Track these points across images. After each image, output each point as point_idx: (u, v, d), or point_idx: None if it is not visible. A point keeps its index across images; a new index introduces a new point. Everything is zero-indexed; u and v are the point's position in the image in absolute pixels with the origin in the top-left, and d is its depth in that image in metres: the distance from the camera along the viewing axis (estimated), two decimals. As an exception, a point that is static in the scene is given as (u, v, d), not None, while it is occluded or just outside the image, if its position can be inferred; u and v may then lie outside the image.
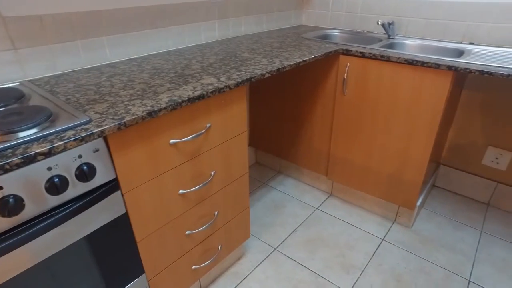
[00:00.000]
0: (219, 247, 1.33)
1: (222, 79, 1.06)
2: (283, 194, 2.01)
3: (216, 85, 1.01)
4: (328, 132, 1.78)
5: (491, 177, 1.88)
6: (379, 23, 1.72)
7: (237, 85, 1.05)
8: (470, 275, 1.49)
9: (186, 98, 0.91)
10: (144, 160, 0.89)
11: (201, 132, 1.02)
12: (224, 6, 1.68)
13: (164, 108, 0.86)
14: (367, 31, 1.99)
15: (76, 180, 0.75)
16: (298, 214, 1.85)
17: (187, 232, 1.14)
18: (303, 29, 2.05)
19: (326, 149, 1.83)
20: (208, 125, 1.04)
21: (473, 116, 1.81)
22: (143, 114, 0.81)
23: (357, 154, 1.71)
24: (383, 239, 1.67)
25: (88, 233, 0.82)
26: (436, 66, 1.31)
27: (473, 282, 1.46)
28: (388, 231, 1.73)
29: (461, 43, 1.71)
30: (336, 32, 1.99)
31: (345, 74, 1.56)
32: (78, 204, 0.78)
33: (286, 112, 1.91)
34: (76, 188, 0.76)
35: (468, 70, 1.25)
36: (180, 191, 1.04)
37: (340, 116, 1.68)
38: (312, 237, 1.69)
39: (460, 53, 1.57)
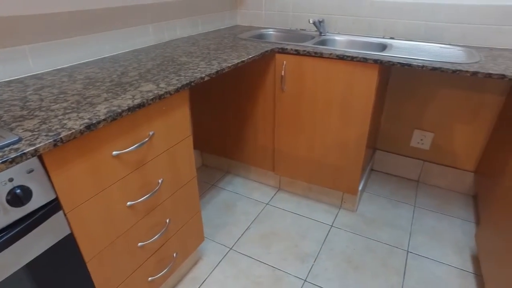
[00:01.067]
0: (174, 254, 1.31)
1: (161, 85, 1.05)
2: (233, 194, 2.03)
3: (155, 92, 0.99)
4: (271, 129, 1.83)
5: (418, 156, 2.08)
6: (311, 21, 1.81)
7: (177, 90, 1.04)
8: (408, 246, 1.65)
9: (126, 108, 0.88)
10: (86, 175, 0.85)
11: (144, 140, 0.99)
12: (157, 10, 1.64)
13: (104, 119, 0.82)
14: (300, 29, 2.08)
15: (8, 206, 0.69)
16: (249, 211, 1.88)
17: (139, 244, 1.10)
18: (238, 30, 2.07)
19: (270, 146, 1.89)
20: (151, 133, 1.02)
21: (400, 103, 1.99)
22: (81, 128, 0.77)
23: (300, 148, 1.79)
24: (331, 225, 1.77)
25: (29, 260, 0.76)
26: (364, 60, 1.42)
27: (411, 252, 1.61)
28: (336, 217, 1.83)
29: (383, 37, 1.87)
30: (271, 31, 2.05)
31: (283, 71, 1.62)
32: (14, 232, 0.72)
33: (228, 112, 1.93)
34: (9, 215, 0.70)
35: (391, 63, 1.37)
36: (128, 203, 1.01)
37: (281, 112, 1.74)
38: (266, 232, 1.73)
39: (383, 47, 1.71)
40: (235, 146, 2.03)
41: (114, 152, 0.91)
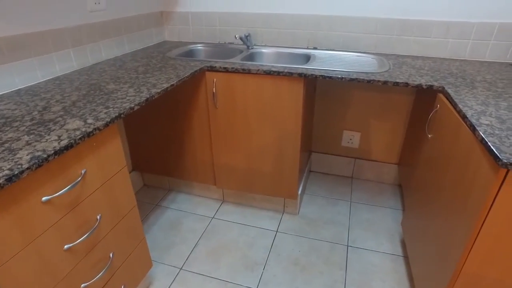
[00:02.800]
0: (122, 287, 1.27)
1: (89, 121, 1.02)
2: (178, 212, 2.01)
3: (83, 129, 0.96)
4: (208, 144, 1.86)
5: (350, 154, 2.26)
6: (237, 37, 1.87)
7: (107, 124, 1.02)
8: (348, 240, 1.79)
9: (52, 152, 0.85)
10: (12, 228, 0.80)
11: (77, 181, 0.96)
12: (77, 32, 1.57)
13: (28, 168, 0.78)
14: (228, 43, 2.13)
15: None
16: (196, 228, 1.89)
17: (82, 285, 1.06)
18: (167, 46, 2.06)
19: (209, 160, 1.91)
20: (83, 171, 0.99)
21: (328, 107, 2.14)
22: (0, 181, 0.73)
23: (239, 159, 1.84)
24: (277, 231, 1.86)
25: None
26: (290, 74, 1.51)
27: (350, 246, 1.75)
28: (280, 222, 1.92)
29: (307, 48, 2.00)
30: (199, 47, 2.07)
31: (214, 88, 1.66)
32: None
33: (165, 130, 1.91)
34: None
35: (314, 76, 1.48)
36: (66, 246, 0.97)
37: (216, 127, 1.77)
38: (214, 247, 1.76)
39: (307, 58, 1.83)
40: (176, 163, 2.02)
41: (44, 198, 0.87)
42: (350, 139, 2.20)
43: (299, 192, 1.91)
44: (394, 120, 2.05)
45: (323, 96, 2.11)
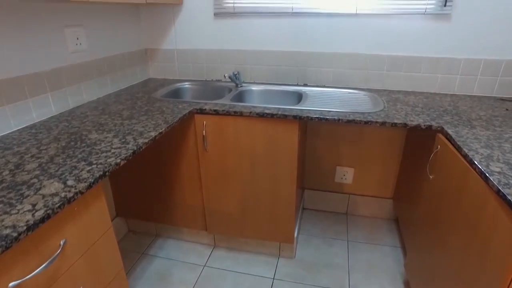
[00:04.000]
0: None
1: (69, 183, 0.91)
2: (166, 260, 1.87)
3: (63, 194, 0.85)
4: (198, 188, 1.75)
5: (344, 190, 2.19)
6: (226, 76, 1.81)
7: (90, 186, 0.91)
8: (349, 285, 1.69)
9: (25, 228, 0.73)
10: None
11: (55, 255, 0.84)
12: (56, 75, 1.48)
13: (-7, 252, 0.66)
14: (216, 80, 2.07)
15: None
16: (187, 278, 1.74)
17: None
18: (152, 85, 1.98)
19: (200, 205, 1.80)
20: (62, 242, 0.87)
21: (320, 144, 2.09)
22: (-39, 274, 0.61)
23: (231, 204, 1.74)
24: (273, 279, 1.73)
25: None
26: (284, 117, 1.45)
27: (353, 293, 1.65)
28: (276, 268, 1.80)
29: (297, 84, 1.96)
30: (186, 85, 2.01)
31: (203, 131, 1.57)
32: None
33: (152, 175, 1.80)
34: None
35: (309, 118, 1.42)
36: (39, 332, 0.83)
37: (207, 171, 1.68)
38: (207, 301, 1.62)
39: (299, 95, 1.78)
40: (164, 209, 1.89)
41: (12, 284, 0.74)
42: (344, 175, 2.14)
43: (295, 235, 1.81)
44: (387, 154, 2.01)
45: (314, 132, 2.06)
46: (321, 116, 1.42)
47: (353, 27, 1.79)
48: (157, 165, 1.76)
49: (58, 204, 0.81)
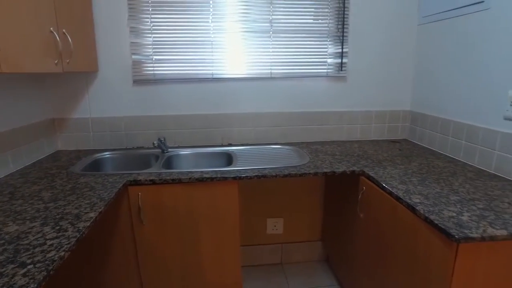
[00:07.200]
0: None
1: (5, 292, 0.74)
2: None
3: (2, 309, 0.69)
4: (135, 267, 1.58)
5: (276, 241, 2.25)
6: (155, 144, 1.77)
7: (35, 291, 0.76)
8: (302, 338, 1.68)
9: None
10: None
11: None
12: None
13: None
14: (138, 147, 1.99)
15: None
16: None
17: None
18: (64, 158, 1.79)
19: (138, 286, 1.61)
20: None
21: (250, 199, 2.14)
22: None
23: (174, 278, 1.61)
24: None
25: None
26: (224, 179, 1.47)
27: None
28: (227, 338, 1.69)
29: (221, 145, 2.02)
30: (107, 155, 1.87)
31: (139, 203, 1.47)
32: None
33: (75, 262, 1.56)
34: None
35: (249, 177, 1.48)
36: None
37: (144, 247, 1.54)
38: None
39: (228, 156, 1.84)
40: (88, 299, 1.62)
41: None
42: (275, 226, 2.21)
43: (242, 297, 1.76)
44: (312, 200, 2.17)
45: (243, 189, 2.12)
46: (260, 174, 1.49)
47: (270, 88, 1.99)
48: (83, 252, 1.53)
49: (0, 324, 0.65)
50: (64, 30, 1.48)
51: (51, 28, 1.38)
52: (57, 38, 1.41)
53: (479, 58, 1.53)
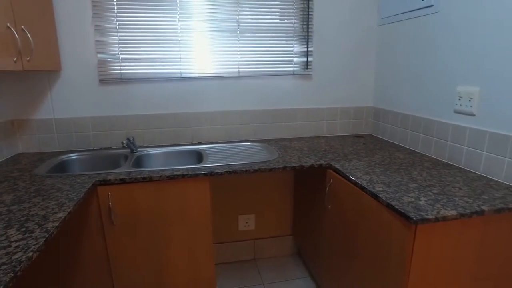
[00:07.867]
0: None
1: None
2: None
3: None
4: (106, 268, 1.55)
5: (248, 237, 2.28)
6: (124, 143, 1.75)
7: (3, 291, 0.74)
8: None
9: None
10: None
11: None
12: None
13: None
14: (105, 148, 1.95)
15: None
16: None
17: None
18: (26, 161, 1.72)
19: (109, 286, 1.59)
20: None
21: (221, 196, 2.16)
22: None
23: (147, 277, 1.60)
24: None
25: None
26: (195, 176, 1.48)
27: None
28: (202, 334, 1.70)
29: (191, 144, 2.03)
30: (74, 156, 1.82)
31: (109, 203, 1.45)
32: None
33: (43, 268, 1.51)
34: None
35: (219, 173, 1.50)
36: None
37: (115, 247, 1.52)
38: None
39: (198, 154, 1.85)
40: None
41: None
42: (246, 222, 2.24)
43: (216, 293, 1.77)
44: (282, 195, 2.23)
45: (214, 187, 2.13)
46: (230, 170, 1.51)
47: (238, 87, 2.03)
48: (52, 254, 1.49)
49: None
50: (22, 26, 1.43)
51: (8, 24, 1.34)
52: (15, 34, 1.36)
53: (432, 57, 1.65)
